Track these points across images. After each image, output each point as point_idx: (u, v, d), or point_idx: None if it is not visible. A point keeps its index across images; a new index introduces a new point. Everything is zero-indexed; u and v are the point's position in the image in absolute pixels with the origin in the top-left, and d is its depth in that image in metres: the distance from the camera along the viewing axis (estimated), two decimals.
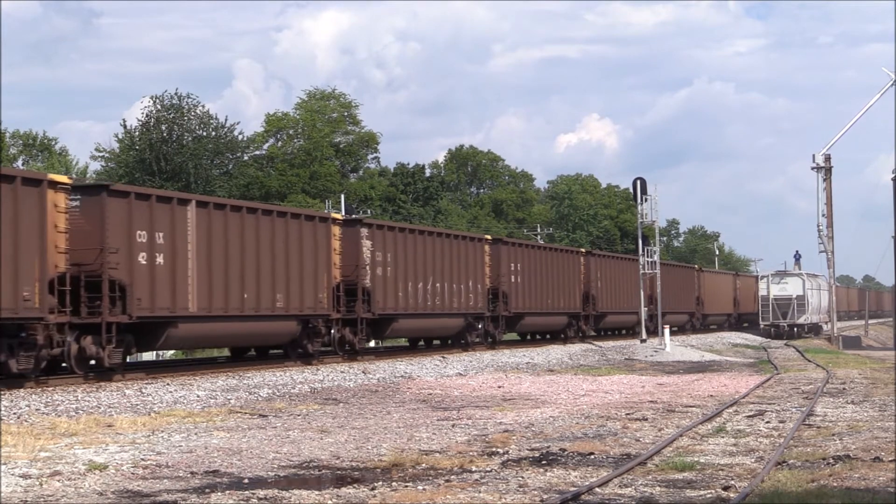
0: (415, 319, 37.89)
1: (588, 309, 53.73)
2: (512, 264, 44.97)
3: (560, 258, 50.96)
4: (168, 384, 24.87)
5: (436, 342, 43.14)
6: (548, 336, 52.80)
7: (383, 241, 35.54)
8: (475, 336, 42.63)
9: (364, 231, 34.57)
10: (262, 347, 33.48)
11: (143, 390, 23.48)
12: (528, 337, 52.68)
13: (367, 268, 34.51)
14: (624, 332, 61.50)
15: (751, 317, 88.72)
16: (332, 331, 33.28)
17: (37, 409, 20.01)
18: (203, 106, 76.28)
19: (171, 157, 72.52)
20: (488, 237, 45.14)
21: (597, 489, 12.50)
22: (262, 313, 29.68)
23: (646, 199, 53.95)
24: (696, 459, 14.75)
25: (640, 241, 55.24)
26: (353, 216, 42.15)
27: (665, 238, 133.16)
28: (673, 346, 49.32)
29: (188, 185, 69.67)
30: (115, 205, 25.07)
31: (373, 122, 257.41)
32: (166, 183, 69.09)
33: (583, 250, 55.57)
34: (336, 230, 33.23)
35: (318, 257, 32.03)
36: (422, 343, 43.32)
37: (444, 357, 37.72)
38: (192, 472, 13.83)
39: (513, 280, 45.04)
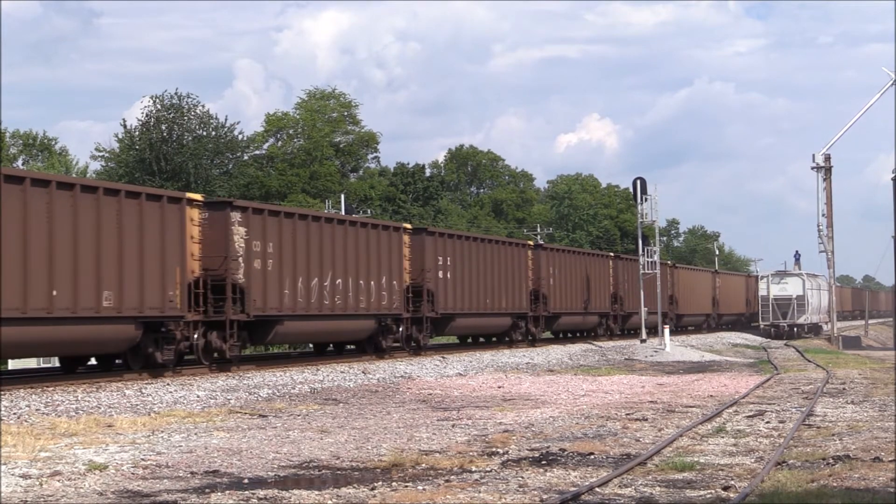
0: (307, 322, 31.94)
1: (538, 309, 47.89)
2: (440, 258, 39.15)
3: (502, 252, 44.74)
4: (168, 384, 24.87)
5: (350, 347, 37.75)
6: (493, 339, 47.58)
7: (263, 228, 29.61)
8: (391, 340, 36.98)
9: (236, 216, 28.75)
10: (100, 356, 28.04)
11: (143, 390, 23.49)
12: (470, 340, 48.02)
13: (241, 260, 28.63)
14: (585, 334, 56.17)
15: (732, 318, 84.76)
16: (195, 336, 27.81)
17: (37, 410, 20.01)
18: (203, 106, 76.47)
19: (171, 157, 72.56)
20: (407, 226, 39.35)
21: (597, 489, 12.50)
22: (82, 314, 23.84)
23: (646, 199, 53.98)
24: (696, 459, 14.76)
25: (639, 241, 55.23)
26: (222, 198, 35.91)
27: (665, 238, 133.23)
28: (673, 347, 49.36)
29: (188, 184, 69.68)
30: None
31: (373, 122, 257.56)
32: (166, 183, 69.13)
33: (530, 243, 49.53)
34: (194, 214, 27.71)
35: (167, 247, 26.25)
36: (331, 348, 37.64)
37: (443, 357, 37.67)
38: (192, 472, 13.83)
39: (441, 276, 39.20)
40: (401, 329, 37.53)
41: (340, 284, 33.15)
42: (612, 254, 61.52)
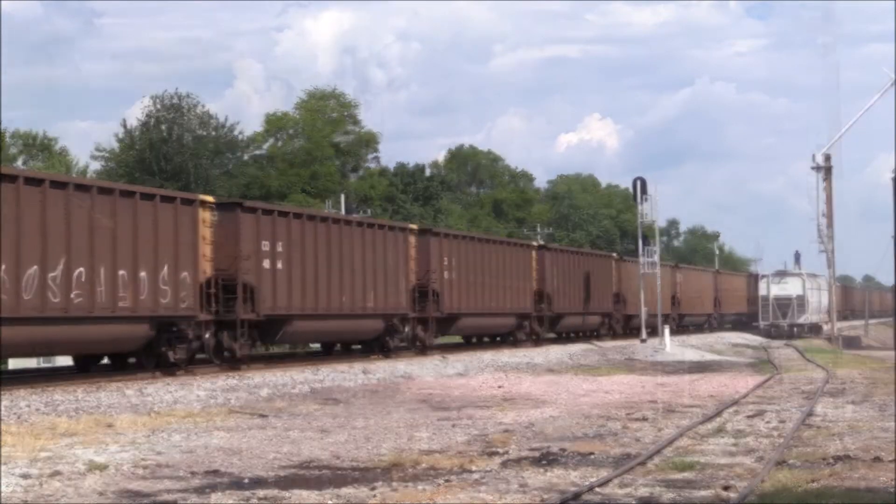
0: (21, 327, 22.68)
1: (427, 310, 39.26)
2: (265, 242, 30.19)
3: (368, 237, 35.59)
4: (168, 384, 24.87)
5: (131, 360, 28.30)
6: (354, 346, 38.91)
7: None
8: (183, 351, 27.76)
9: None
10: None
11: (144, 390, 23.49)
12: (334, 348, 38.88)
13: None
14: (501, 339, 48.05)
15: (699, 319, 75.52)
16: None
17: (37, 409, 20.02)
18: (203, 106, 76.51)
19: (171, 157, 72.56)
20: (208, 198, 29.52)
21: (597, 489, 12.50)
22: None
23: (646, 199, 54.06)
24: (696, 459, 14.75)
25: (640, 241, 55.25)
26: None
27: (665, 238, 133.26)
28: (673, 346, 49.41)
29: (188, 184, 69.68)
30: None
31: (373, 123, 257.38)
32: (166, 183, 69.12)
33: (413, 227, 40.20)
34: None
35: None
36: (106, 360, 28.83)
37: (444, 357, 37.70)
38: (192, 472, 13.83)
39: (268, 266, 30.19)
40: (206, 336, 28.58)
41: (83, 275, 23.92)
42: (537, 243, 52.75)
